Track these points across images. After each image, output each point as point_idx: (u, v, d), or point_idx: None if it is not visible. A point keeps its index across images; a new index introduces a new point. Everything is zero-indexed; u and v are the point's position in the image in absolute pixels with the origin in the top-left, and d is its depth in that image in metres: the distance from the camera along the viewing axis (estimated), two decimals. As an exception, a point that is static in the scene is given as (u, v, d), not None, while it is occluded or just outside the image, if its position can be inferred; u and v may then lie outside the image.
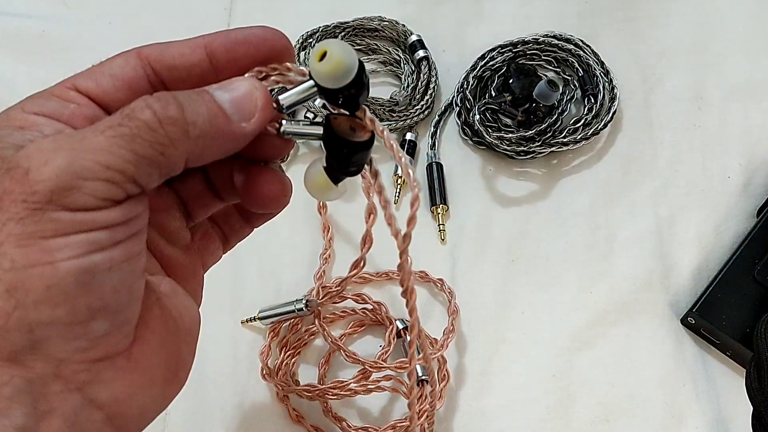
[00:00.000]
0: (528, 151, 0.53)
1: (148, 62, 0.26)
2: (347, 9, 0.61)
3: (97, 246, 0.22)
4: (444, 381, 0.46)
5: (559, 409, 0.46)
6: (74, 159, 0.21)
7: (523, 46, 0.57)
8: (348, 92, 0.25)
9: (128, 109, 0.23)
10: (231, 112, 0.24)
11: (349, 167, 0.28)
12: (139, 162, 0.22)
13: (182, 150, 0.23)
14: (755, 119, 0.56)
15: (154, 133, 0.22)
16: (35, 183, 0.21)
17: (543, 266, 0.51)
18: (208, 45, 0.26)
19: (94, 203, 0.21)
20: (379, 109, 0.55)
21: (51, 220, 0.21)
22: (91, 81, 0.25)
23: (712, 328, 0.46)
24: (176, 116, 0.23)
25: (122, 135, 0.22)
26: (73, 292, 0.21)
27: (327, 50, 0.24)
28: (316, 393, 0.45)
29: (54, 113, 0.24)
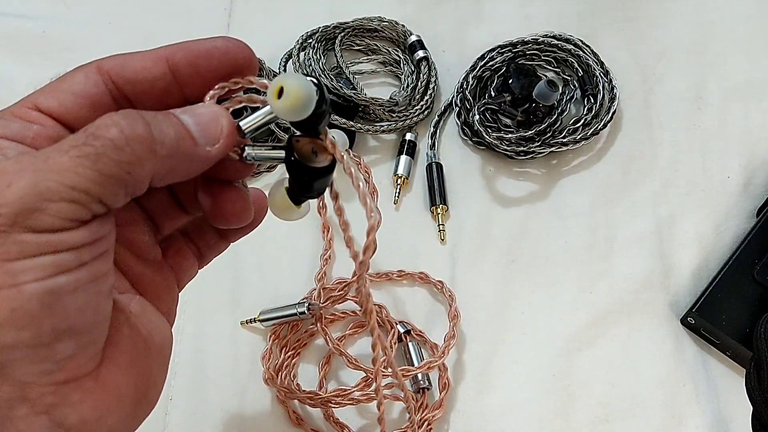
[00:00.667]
0: (528, 151, 0.53)
1: (109, 77, 0.25)
2: (347, 9, 0.61)
3: (63, 268, 0.21)
4: (445, 389, 0.46)
5: (559, 409, 0.46)
6: (38, 180, 0.21)
7: (522, 46, 0.57)
8: (309, 121, 0.25)
9: (92, 128, 0.22)
10: (197, 136, 0.24)
11: (310, 191, 0.28)
12: (105, 182, 0.22)
13: (148, 169, 0.23)
14: (755, 119, 0.56)
15: (120, 151, 0.22)
16: (1, 202, 0.20)
17: (543, 266, 0.51)
18: (170, 58, 0.25)
19: (59, 224, 0.21)
20: (378, 109, 0.55)
21: (15, 243, 0.21)
22: (52, 99, 0.25)
23: (712, 328, 0.46)
24: (143, 134, 0.22)
25: (87, 155, 0.21)
26: (38, 314, 0.21)
27: (283, 86, 0.24)
28: (318, 401, 0.45)
29: (17, 136, 0.24)
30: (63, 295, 0.21)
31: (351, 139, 0.55)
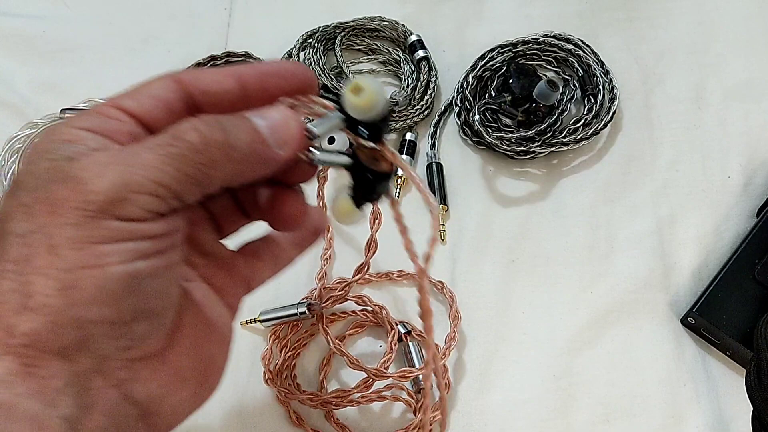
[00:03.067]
0: (528, 151, 0.53)
1: (183, 86, 0.27)
2: (347, 9, 0.61)
3: (142, 254, 0.24)
4: (446, 390, 0.46)
5: (559, 409, 0.46)
6: (127, 173, 0.23)
7: (523, 46, 0.57)
8: (375, 125, 0.28)
9: (176, 130, 0.24)
10: (269, 138, 0.26)
11: (372, 194, 0.30)
12: (184, 180, 0.24)
13: (223, 171, 0.25)
14: (755, 119, 0.56)
15: (200, 154, 0.24)
16: (90, 193, 0.23)
17: (543, 266, 0.51)
18: (240, 75, 0.27)
19: (141, 215, 0.23)
20: (379, 109, 0.55)
21: (103, 228, 0.23)
22: (132, 101, 0.27)
23: (712, 328, 0.46)
24: (220, 140, 0.25)
25: (170, 154, 0.24)
26: (120, 294, 0.23)
27: (362, 86, 0.26)
28: (318, 402, 0.45)
29: (98, 128, 0.25)
30: (141, 279, 0.24)
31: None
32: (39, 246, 0.23)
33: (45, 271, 0.23)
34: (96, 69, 0.62)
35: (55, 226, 0.23)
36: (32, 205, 0.23)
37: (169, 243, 0.25)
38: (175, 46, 0.62)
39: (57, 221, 0.23)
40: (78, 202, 0.23)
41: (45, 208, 0.23)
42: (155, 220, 0.24)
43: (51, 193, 0.23)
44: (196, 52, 0.59)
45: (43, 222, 0.23)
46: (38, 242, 0.23)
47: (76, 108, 0.58)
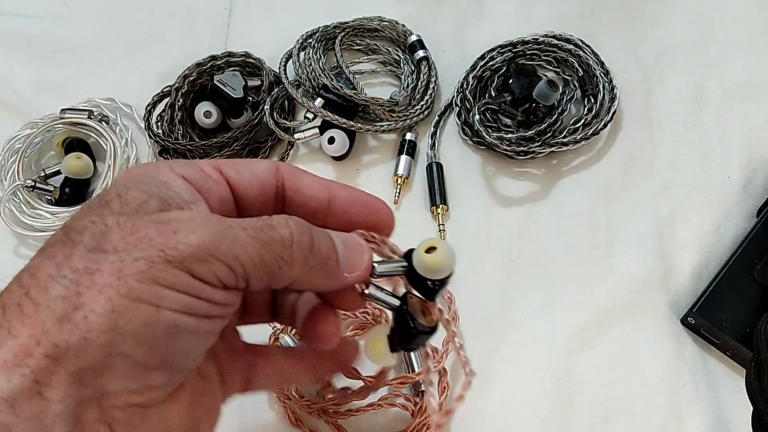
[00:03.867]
0: (528, 151, 0.53)
1: (282, 176, 0.29)
2: (347, 9, 0.61)
3: (194, 312, 0.24)
4: (444, 393, 0.46)
5: (559, 409, 0.46)
6: (216, 240, 0.24)
7: (523, 46, 0.57)
8: (435, 285, 0.29)
9: (270, 220, 0.26)
10: (341, 260, 0.28)
11: (410, 345, 0.31)
12: (260, 266, 0.25)
13: (295, 273, 0.26)
14: (755, 119, 0.55)
15: (284, 250, 0.26)
16: (179, 243, 0.24)
17: (543, 266, 0.51)
18: (333, 191, 0.30)
19: (211, 279, 0.24)
20: (379, 109, 0.55)
21: (172, 275, 0.24)
22: (233, 171, 0.29)
23: (712, 328, 0.46)
24: (306, 244, 0.26)
25: (259, 238, 0.25)
26: (159, 338, 0.24)
27: (437, 246, 0.28)
28: (316, 409, 0.45)
29: (195, 181, 0.27)
30: (183, 333, 0.24)
31: (351, 139, 0.55)
32: (106, 266, 0.23)
33: (103, 289, 0.23)
34: (96, 69, 0.62)
35: (130, 256, 0.23)
36: (112, 227, 0.24)
37: (220, 314, 0.26)
38: (175, 46, 0.62)
39: (133, 252, 0.23)
40: (162, 246, 0.24)
41: (124, 236, 0.24)
42: (219, 289, 0.25)
43: (136, 225, 0.24)
44: (196, 52, 0.59)
45: (119, 247, 0.23)
46: (107, 262, 0.23)
47: (76, 108, 0.58)
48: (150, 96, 0.58)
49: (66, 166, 0.55)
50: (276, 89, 0.57)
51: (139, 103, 0.59)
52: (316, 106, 0.54)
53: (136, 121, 0.59)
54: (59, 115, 0.58)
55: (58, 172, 0.57)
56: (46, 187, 0.56)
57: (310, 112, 0.54)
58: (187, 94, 0.58)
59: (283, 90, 0.57)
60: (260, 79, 0.58)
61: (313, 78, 0.56)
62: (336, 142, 0.53)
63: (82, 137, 0.58)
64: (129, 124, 0.59)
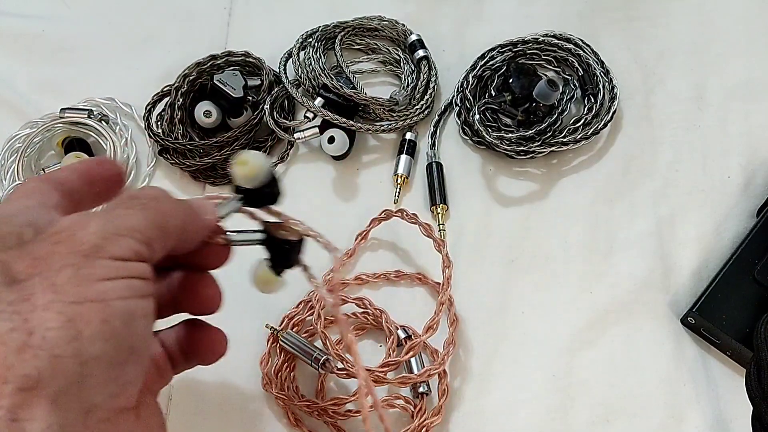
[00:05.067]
0: (528, 150, 0.53)
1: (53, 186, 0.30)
2: (347, 9, 0.61)
3: (137, 293, 0.25)
4: (444, 396, 0.45)
5: (559, 409, 0.46)
6: (106, 222, 0.25)
7: (523, 46, 0.57)
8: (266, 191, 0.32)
9: (128, 192, 0.28)
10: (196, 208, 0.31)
11: (289, 262, 0.34)
12: (152, 226, 0.27)
13: (176, 221, 0.28)
14: (755, 119, 0.55)
15: (158, 203, 0.28)
16: (82, 238, 0.24)
17: (543, 266, 0.51)
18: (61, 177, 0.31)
19: (129, 254, 0.25)
20: (378, 108, 0.55)
21: (100, 266, 0.24)
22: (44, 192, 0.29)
23: (712, 328, 0.46)
24: (167, 195, 0.29)
25: (135, 206, 0.27)
26: (120, 330, 0.24)
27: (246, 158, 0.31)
28: (315, 410, 0.45)
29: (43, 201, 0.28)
30: (136, 318, 0.25)
31: (351, 139, 0.55)
32: (37, 287, 0.23)
33: (48, 305, 0.23)
34: (96, 69, 0.62)
35: (53, 271, 0.23)
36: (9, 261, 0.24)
37: (150, 290, 0.27)
38: (175, 46, 0.62)
39: (52, 266, 0.23)
40: (71, 248, 0.24)
41: (29, 263, 0.24)
42: (138, 261, 0.26)
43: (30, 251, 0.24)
44: (196, 52, 0.59)
45: (36, 271, 0.23)
46: (36, 285, 0.23)
47: (76, 107, 0.58)
48: (150, 95, 0.58)
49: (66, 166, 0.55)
50: (276, 89, 0.57)
51: (139, 102, 0.59)
52: (316, 105, 0.54)
53: (136, 121, 0.59)
54: (59, 114, 0.58)
55: (58, 172, 0.57)
56: (46, 187, 0.56)
57: (310, 112, 0.54)
58: (187, 94, 0.58)
59: (283, 89, 0.57)
60: (260, 78, 0.58)
61: (313, 77, 0.56)
62: (336, 142, 0.53)
63: (81, 137, 0.58)
64: (129, 124, 0.59)
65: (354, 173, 0.56)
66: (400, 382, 0.44)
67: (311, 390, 0.47)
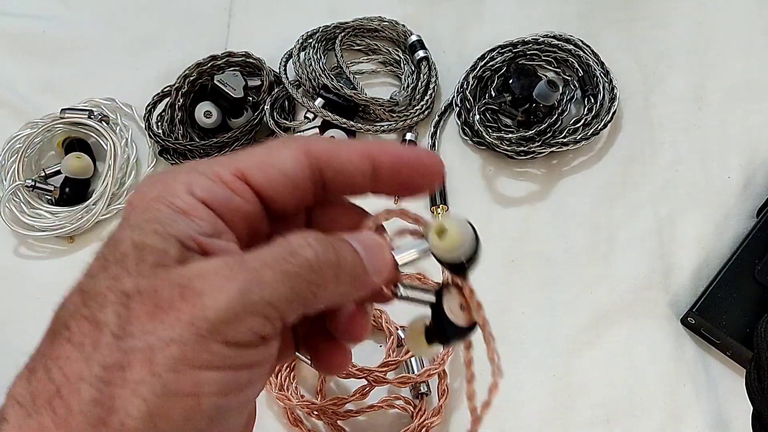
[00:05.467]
0: (528, 151, 0.53)
1: (315, 161, 0.26)
2: (347, 9, 0.61)
3: (237, 386, 0.22)
4: (444, 396, 0.46)
5: (559, 409, 0.46)
6: (246, 292, 0.21)
7: (523, 47, 0.57)
8: (461, 265, 0.28)
9: (290, 245, 0.23)
10: (366, 264, 0.25)
11: (447, 342, 0.29)
12: (293, 300, 0.22)
13: (329, 293, 0.24)
14: (755, 119, 0.55)
15: (314, 273, 0.23)
16: (207, 309, 0.21)
17: (543, 266, 0.51)
18: (375, 158, 0.26)
19: (248, 339, 0.22)
20: (379, 109, 0.55)
21: (209, 352, 0.21)
22: (262, 174, 0.25)
23: (712, 328, 0.46)
24: (333, 260, 0.23)
25: (286, 272, 0.22)
26: (203, 427, 0.21)
27: (448, 228, 0.26)
28: (315, 410, 0.45)
29: (218, 203, 0.24)
30: (226, 415, 0.22)
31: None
32: (136, 356, 0.21)
33: (137, 389, 0.21)
34: (96, 69, 0.62)
35: (159, 339, 0.21)
36: (133, 297, 0.21)
37: (259, 375, 0.23)
38: (175, 46, 0.62)
39: (162, 332, 0.21)
40: (191, 317, 0.21)
41: (149, 309, 0.21)
42: (257, 346, 0.22)
43: (159, 290, 0.21)
44: (196, 52, 0.59)
45: (147, 328, 0.21)
46: (136, 351, 0.21)
47: (77, 108, 0.58)
48: (150, 96, 0.58)
49: (66, 166, 0.55)
50: (276, 89, 0.57)
51: (139, 103, 0.59)
52: (316, 106, 0.54)
53: (136, 121, 0.59)
54: (59, 115, 0.58)
55: (58, 172, 0.57)
56: (46, 187, 0.56)
57: (310, 112, 0.54)
58: (187, 94, 0.58)
59: (284, 90, 0.57)
60: (260, 79, 0.58)
61: (314, 78, 0.56)
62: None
63: (82, 137, 0.58)
64: (129, 124, 0.59)
65: (354, 173, 0.56)
66: (400, 382, 0.45)
67: (311, 390, 0.47)
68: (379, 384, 0.44)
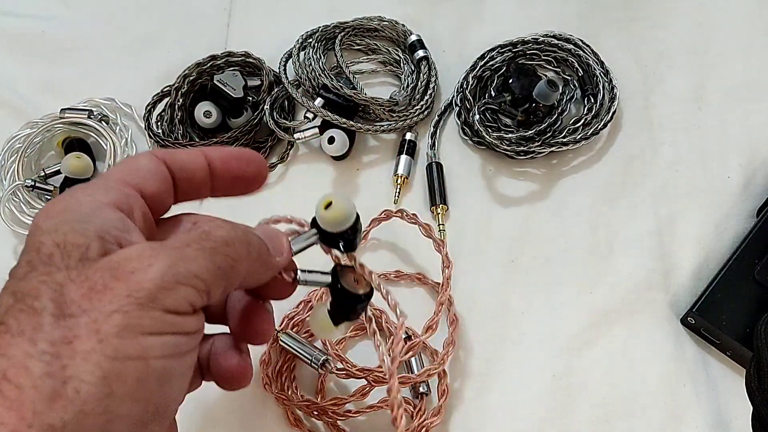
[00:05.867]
0: (528, 151, 0.53)
1: (163, 161, 0.29)
2: (347, 9, 0.61)
3: (179, 350, 0.24)
4: (444, 396, 0.45)
5: (559, 409, 0.46)
6: (173, 265, 0.24)
7: (523, 46, 0.57)
8: (346, 236, 0.31)
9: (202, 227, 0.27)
10: (269, 246, 0.29)
11: (350, 314, 0.32)
12: (216, 272, 0.25)
13: (244, 267, 0.27)
14: (755, 119, 0.55)
15: (228, 248, 0.26)
16: (142, 281, 0.23)
17: (543, 266, 0.51)
18: (207, 154, 0.30)
19: (184, 307, 0.24)
20: (378, 109, 0.55)
21: (150, 318, 0.23)
22: (137, 176, 0.28)
23: (712, 328, 0.46)
24: (242, 237, 0.27)
25: (204, 248, 0.25)
26: (153, 391, 0.23)
27: (332, 201, 0.29)
28: (315, 409, 0.45)
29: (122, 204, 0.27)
30: (172, 378, 0.24)
31: (351, 139, 0.55)
32: (81, 330, 0.22)
33: (88, 355, 0.22)
34: (96, 69, 0.62)
35: (101, 312, 0.22)
36: (66, 285, 0.23)
37: (195, 343, 0.25)
38: (175, 46, 0.62)
39: (103, 307, 0.22)
40: (127, 290, 0.23)
41: (84, 293, 0.23)
42: (191, 314, 0.25)
43: (90, 277, 0.23)
44: (196, 52, 0.59)
45: (84, 306, 0.22)
46: (81, 326, 0.22)
47: (76, 108, 0.58)
48: (150, 96, 0.58)
49: (66, 166, 0.55)
50: (276, 89, 0.57)
51: (139, 103, 0.59)
52: (316, 105, 0.54)
53: (136, 121, 0.59)
54: (59, 114, 0.58)
55: (58, 172, 0.57)
56: (46, 187, 0.56)
57: (310, 112, 0.54)
58: (187, 94, 0.58)
59: (283, 90, 0.57)
60: (260, 79, 0.58)
61: (313, 78, 0.56)
62: (336, 142, 0.53)
63: (82, 137, 0.58)
64: (129, 124, 0.59)
65: (354, 173, 0.56)
66: (400, 382, 0.44)
67: (311, 390, 0.47)
68: (379, 384, 0.44)
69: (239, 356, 0.32)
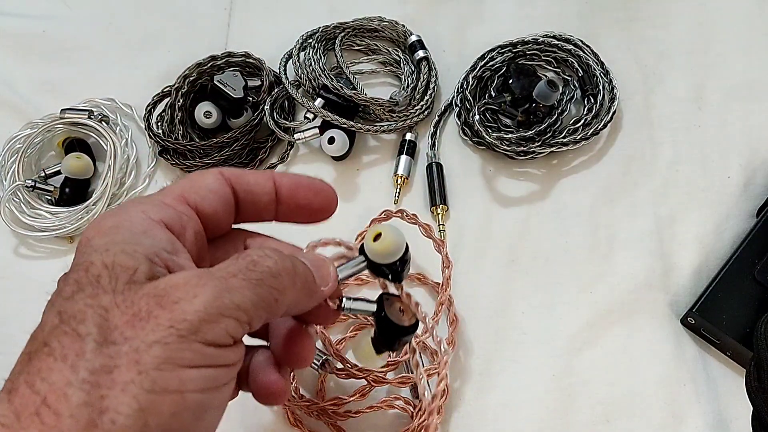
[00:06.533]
0: (528, 151, 0.53)
1: (230, 182, 0.30)
2: (347, 9, 0.61)
3: (216, 383, 0.24)
4: (443, 396, 0.45)
5: (559, 409, 0.46)
6: (217, 296, 0.24)
7: (523, 46, 0.57)
8: (394, 267, 0.31)
9: (250, 257, 0.26)
10: (315, 274, 0.29)
11: (393, 345, 0.32)
12: (259, 304, 0.25)
13: (288, 298, 0.27)
14: (755, 119, 0.55)
15: (275, 279, 0.26)
16: (186, 312, 0.23)
17: (543, 266, 0.51)
18: (276, 179, 0.30)
19: (226, 339, 0.24)
20: (379, 109, 0.55)
21: (191, 351, 0.23)
22: (195, 194, 0.29)
23: (712, 328, 0.46)
24: (290, 268, 0.27)
25: (250, 279, 0.25)
26: (188, 423, 0.23)
27: (382, 232, 0.29)
28: (315, 410, 0.45)
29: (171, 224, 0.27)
30: (208, 410, 0.24)
31: (351, 139, 0.55)
32: (123, 359, 0.22)
33: (126, 387, 0.22)
34: (96, 69, 0.62)
35: (143, 342, 0.22)
36: (111, 310, 0.23)
37: (233, 375, 0.25)
38: (175, 46, 0.62)
39: (145, 336, 0.22)
40: (170, 321, 0.23)
41: (128, 320, 0.23)
42: (232, 346, 0.25)
43: (135, 302, 0.23)
44: (196, 52, 0.59)
45: (127, 333, 0.22)
46: (122, 355, 0.22)
47: (77, 108, 0.58)
48: (150, 96, 0.58)
49: (66, 166, 0.55)
50: (276, 89, 0.57)
51: (139, 103, 0.59)
52: (316, 106, 0.54)
53: (136, 121, 0.59)
54: (59, 115, 0.58)
55: (58, 172, 0.57)
56: (46, 187, 0.56)
57: (310, 112, 0.54)
58: (187, 94, 0.58)
59: (283, 90, 0.57)
60: (260, 79, 0.58)
61: (313, 78, 0.56)
62: (336, 142, 0.53)
63: (82, 137, 0.58)
64: (129, 124, 0.59)
65: (354, 174, 0.56)
66: (400, 382, 0.44)
67: (311, 390, 0.47)
68: (379, 384, 0.44)
69: (278, 373, 0.31)
